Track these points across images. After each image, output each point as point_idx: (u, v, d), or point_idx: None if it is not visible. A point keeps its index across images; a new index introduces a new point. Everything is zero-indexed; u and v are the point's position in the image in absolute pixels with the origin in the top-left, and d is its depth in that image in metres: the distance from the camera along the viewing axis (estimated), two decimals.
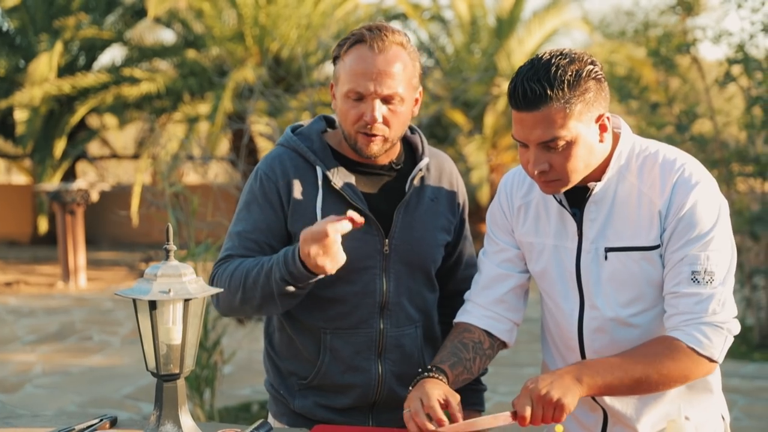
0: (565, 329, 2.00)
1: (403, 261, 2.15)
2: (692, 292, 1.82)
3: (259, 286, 2.01)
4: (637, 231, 1.89)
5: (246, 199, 2.17)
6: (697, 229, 1.83)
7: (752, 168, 7.64)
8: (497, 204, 2.11)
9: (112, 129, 14.94)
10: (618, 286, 1.91)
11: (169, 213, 5.04)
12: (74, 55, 13.96)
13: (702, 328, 1.82)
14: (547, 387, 1.76)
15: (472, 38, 12.54)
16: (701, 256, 1.83)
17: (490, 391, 6.05)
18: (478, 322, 2.07)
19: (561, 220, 1.97)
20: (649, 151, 1.92)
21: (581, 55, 1.83)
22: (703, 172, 1.89)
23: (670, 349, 1.82)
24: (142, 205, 10.98)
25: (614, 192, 1.91)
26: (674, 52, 7.81)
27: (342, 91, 2.06)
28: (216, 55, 12.40)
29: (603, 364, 1.82)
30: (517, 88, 1.80)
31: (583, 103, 1.80)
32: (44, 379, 6.66)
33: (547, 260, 2.00)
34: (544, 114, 1.79)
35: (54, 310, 9.67)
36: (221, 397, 5.55)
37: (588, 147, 1.84)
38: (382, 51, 2.03)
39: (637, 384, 1.82)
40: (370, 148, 2.07)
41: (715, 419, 2.02)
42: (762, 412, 5.65)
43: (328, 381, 2.15)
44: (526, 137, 1.83)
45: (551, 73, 1.78)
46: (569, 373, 1.80)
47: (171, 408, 1.87)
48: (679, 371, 1.82)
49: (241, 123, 7.68)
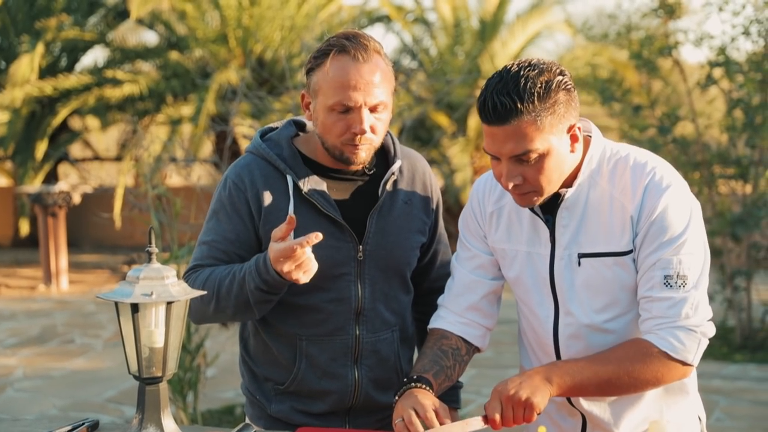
0: (541, 335, 2.00)
1: (378, 266, 2.13)
2: (665, 296, 1.82)
3: (233, 295, 1.99)
4: (609, 236, 1.88)
5: (214, 207, 2.14)
6: (668, 232, 1.83)
7: (733, 170, 7.70)
8: (469, 210, 2.10)
9: (94, 131, 14.86)
10: (592, 292, 1.91)
11: (152, 215, 5.02)
12: (56, 56, 13.87)
13: (675, 332, 1.82)
14: (515, 387, 1.77)
15: (455, 40, 12.56)
16: (673, 260, 1.82)
17: (474, 393, 6.09)
18: (453, 329, 2.07)
19: (533, 227, 1.97)
20: (620, 155, 1.92)
21: (550, 66, 1.81)
22: (674, 175, 1.89)
23: (642, 352, 1.82)
24: (125, 208, 10.92)
25: (586, 197, 1.91)
26: (656, 54, 7.85)
27: (326, 104, 2.00)
28: (199, 56, 12.37)
29: (574, 365, 1.83)
30: (486, 102, 1.78)
31: (553, 115, 1.78)
32: (25, 382, 6.61)
33: (520, 267, 1.99)
34: (514, 127, 1.77)
35: (35, 313, 9.60)
36: (204, 400, 5.52)
37: (560, 158, 1.83)
38: (366, 61, 1.99)
39: (607, 385, 1.82)
40: (358, 156, 2.05)
41: (692, 420, 2.04)
42: (743, 413, 5.68)
43: (304, 387, 2.14)
44: (498, 151, 1.82)
45: (520, 85, 1.76)
46: (539, 373, 1.81)
47: (153, 411, 1.86)
48: (651, 374, 1.82)
49: (224, 125, 7.65)
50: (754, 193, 7.63)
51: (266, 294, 1.97)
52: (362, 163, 2.08)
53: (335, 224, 2.08)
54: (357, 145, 2.02)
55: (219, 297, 2.01)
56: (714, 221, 7.54)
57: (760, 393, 6.13)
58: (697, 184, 7.79)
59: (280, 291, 1.98)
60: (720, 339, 7.54)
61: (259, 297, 1.97)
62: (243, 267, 2.00)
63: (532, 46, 13.14)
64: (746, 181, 7.69)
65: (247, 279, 1.97)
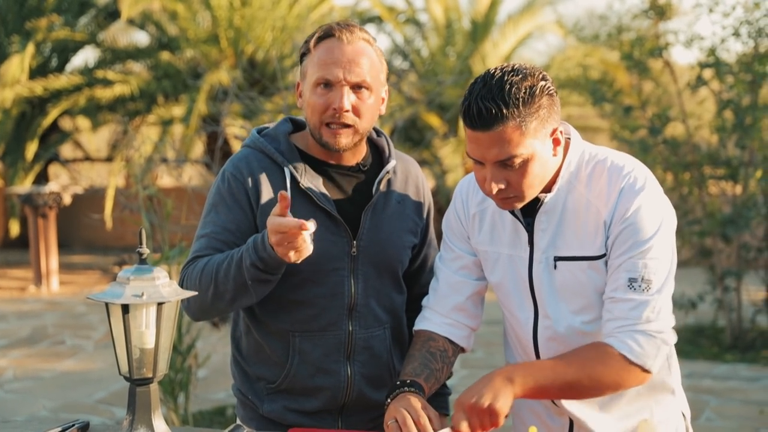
0: (522, 337, 2.01)
1: (371, 263, 2.15)
2: (627, 298, 1.82)
3: (231, 277, 1.98)
4: (583, 241, 1.89)
5: (213, 201, 2.14)
6: (638, 235, 1.83)
7: (723, 171, 7.73)
8: (453, 211, 2.11)
9: (85, 131, 14.81)
10: (569, 295, 1.92)
11: (143, 216, 5.01)
12: (46, 56, 13.82)
13: (635, 335, 1.81)
14: (475, 396, 1.77)
15: (447, 41, 12.57)
16: (639, 263, 1.82)
17: None
18: (439, 330, 2.07)
19: (515, 230, 1.98)
20: (599, 159, 1.92)
21: (533, 71, 1.81)
22: (650, 180, 1.89)
23: (602, 355, 1.81)
24: (116, 209, 10.91)
25: (564, 202, 1.91)
26: (647, 55, 7.88)
27: (310, 82, 2.06)
28: (190, 57, 12.35)
29: (536, 366, 1.83)
30: (471, 107, 1.77)
31: (537, 120, 1.79)
32: (16, 384, 6.58)
33: (502, 270, 2.00)
34: (499, 133, 1.77)
35: (26, 314, 9.57)
36: (196, 401, 5.52)
37: (543, 162, 1.84)
38: (351, 42, 2.05)
39: (569, 387, 1.82)
40: (338, 140, 2.06)
41: (677, 417, 2.05)
42: (733, 412, 5.70)
43: (297, 384, 2.14)
44: (482, 156, 1.82)
45: (505, 91, 1.76)
46: (500, 374, 1.80)
47: (144, 412, 1.86)
48: (611, 377, 1.81)
49: (215, 125, 7.64)
50: (744, 194, 7.66)
51: (262, 273, 1.96)
52: (344, 149, 2.09)
53: (330, 218, 2.10)
54: (338, 125, 2.05)
55: (217, 281, 2.01)
56: (704, 222, 7.57)
57: (750, 393, 6.16)
58: (687, 184, 7.82)
59: (276, 271, 1.97)
60: (710, 339, 7.58)
61: (255, 275, 1.96)
62: (241, 248, 2.00)
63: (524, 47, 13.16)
64: (736, 181, 7.72)
65: (244, 257, 1.96)
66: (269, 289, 2.04)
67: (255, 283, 1.98)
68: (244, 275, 1.97)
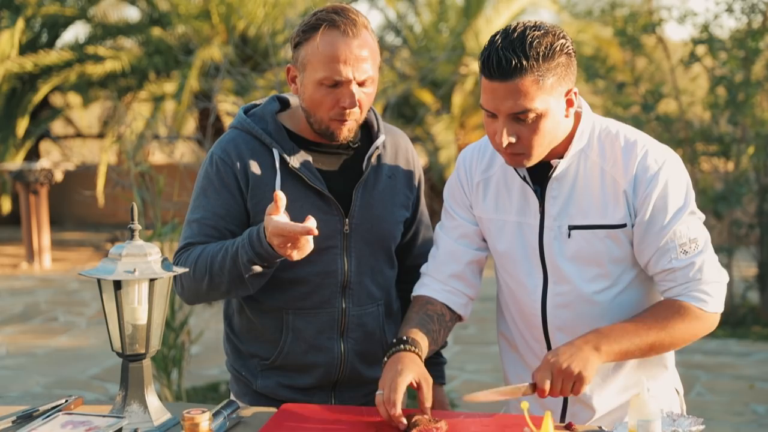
0: (528, 306, 2.01)
1: (364, 240, 2.14)
2: (686, 264, 1.88)
3: (226, 271, 1.98)
4: (602, 209, 1.90)
5: (202, 184, 2.13)
6: (672, 207, 1.88)
7: (716, 147, 7.73)
8: (456, 179, 2.11)
9: (76, 108, 14.72)
10: (582, 263, 1.93)
11: (135, 193, 4.99)
12: (36, 32, 13.70)
13: (704, 288, 1.88)
14: (567, 360, 1.79)
15: (440, 17, 12.50)
16: (683, 228, 1.88)
17: (458, 370, 6.13)
18: (438, 296, 2.08)
19: (524, 197, 1.98)
20: (610, 131, 1.94)
21: (554, 29, 1.83)
22: (667, 151, 1.92)
23: (679, 311, 1.87)
24: (108, 185, 10.87)
25: (576, 170, 1.92)
26: (640, 31, 7.86)
27: (315, 78, 2.00)
28: (182, 33, 12.25)
29: (619, 331, 1.85)
30: (491, 57, 1.78)
31: (555, 76, 1.80)
32: (9, 360, 6.59)
33: (509, 238, 2.00)
34: (517, 85, 1.78)
35: (18, 291, 9.56)
36: (189, 377, 5.54)
37: (555, 121, 1.85)
38: (356, 36, 1.99)
39: (649, 348, 1.87)
40: (343, 132, 2.06)
41: (670, 393, 2.07)
42: (724, 387, 5.75)
43: (290, 361, 2.14)
44: (497, 107, 1.82)
45: (526, 44, 1.77)
46: (587, 342, 1.83)
47: (137, 388, 1.87)
48: (690, 332, 1.89)
49: (207, 102, 7.60)
50: (736, 171, 7.67)
51: (258, 267, 1.96)
52: (345, 139, 2.08)
53: (322, 197, 2.09)
54: (345, 120, 2.03)
55: (212, 273, 2.00)
56: (696, 198, 7.58)
57: (740, 368, 6.20)
58: None
59: (273, 265, 1.98)
60: None
61: (252, 270, 1.97)
62: (235, 241, 1.99)
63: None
64: (728, 158, 7.73)
65: (240, 252, 1.96)
66: (266, 280, 2.04)
67: (251, 276, 1.98)
68: (240, 269, 1.97)
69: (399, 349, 1.91)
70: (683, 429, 1.69)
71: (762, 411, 5.23)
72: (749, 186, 7.56)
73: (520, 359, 2.11)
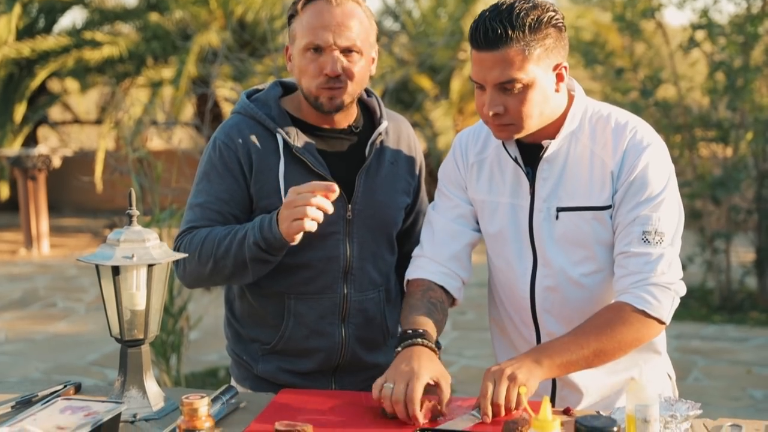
0: (517, 288, 2.01)
1: (366, 226, 2.15)
2: (642, 252, 1.85)
3: (232, 254, 1.99)
4: (589, 191, 1.91)
5: (205, 169, 2.13)
6: (648, 190, 1.86)
7: (714, 133, 7.73)
8: (451, 160, 2.11)
9: (73, 93, 14.66)
10: (569, 245, 1.93)
11: (133, 179, 4.99)
12: (33, 17, 13.64)
13: (650, 289, 1.84)
14: (512, 369, 1.76)
15: (438, 2, 12.45)
16: (652, 216, 1.85)
17: (456, 355, 6.14)
18: (435, 278, 2.06)
19: (516, 179, 1.98)
20: (601, 114, 1.95)
21: (543, 3, 1.85)
22: (654, 135, 1.92)
23: (620, 314, 1.84)
24: (106, 171, 10.85)
25: (567, 152, 1.93)
26: (639, 17, 7.83)
27: (300, 46, 2.04)
28: (179, 18, 12.20)
29: (559, 345, 1.83)
30: (479, 28, 1.83)
31: (542, 48, 1.82)
32: (8, 346, 6.60)
33: (502, 219, 2.00)
34: (503, 54, 1.80)
35: (17, 277, 9.56)
36: (188, 363, 5.55)
37: (543, 94, 1.85)
38: (340, 4, 2.02)
39: (594, 356, 1.83)
40: (333, 101, 2.05)
41: (662, 378, 2.07)
42: (721, 372, 5.77)
43: (291, 345, 2.15)
44: (484, 78, 1.84)
45: (513, 14, 1.80)
46: (528, 357, 1.80)
47: (136, 374, 1.87)
48: (632, 335, 1.84)
49: (205, 88, 7.58)
50: (734, 156, 7.67)
51: (264, 252, 1.96)
52: (337, 109, 2.08)
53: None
54: (331, 88, 2.03)
55: (217, 256, 2.01)
56: (694, 184, 7.59)
57: (737, 353, 6.22)
58: (678, 146, 7.82)
59: (278, 252, 1.98)
60: (699, 300, 7.63)
61: (256, 254, 1.97)
62: (245, 226, 2.00)
63: None
64: (727, 143, 7.73)
65: (248, 234, 1.97)
66: (267, 270, 2.04)
67: (254, 262, 1.99)
68: (244, 253, 1.97)
69: (414, 342, 1.86)
70: (680, 414, 1.69)
71: (759, 396, 5.25)
72: (748, 171, 7.56)
73: (511, 345, 2.11)
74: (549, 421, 1.42)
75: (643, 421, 1.53)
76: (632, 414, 1.54)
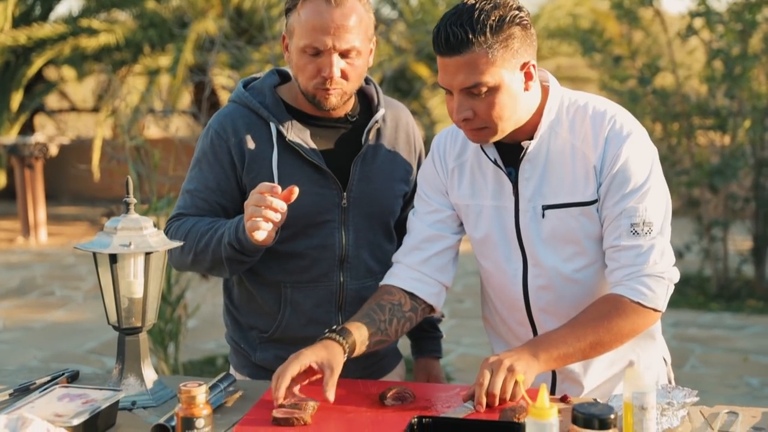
0: (509, 290, 1.99)
1: (362, 214, 2.14)
2: (632, 245, 1.83)
3: (210, 250, 2.00)
4: (573, 187, 1.88)
5: (197, 156, 2.14)
6: (632, 181, 1.84)
7: (712, 121, 7.72)
8: (430, 164, 2.07)
9: (70, 81, 14.63)
10: (558, 243, 1.91)
11: (130, 167, 4.98)
12: (30, 5, 13.60)
13: (644, 280, 1.83)
14: (511, 360, 1.75)
15: None
16: (639, 207, 1.83)
17: (454, 343, 6.15)
18: (403, 284, 2.01)
19: (497, 180, 1.96)
20: (579, 104, 1.91)
21: (506, 1, 1.81)
22: (634, 123, 1.89)
23: (616, 306, 1.83)
24: (103, 159, 10.83)
25: (547, 149, 1.90)
26: (637, 4, 7.81)
27: (298, 46, 2.01)
28: (176, 6, 12.16)
29: (554, 337, 1.82)
30: (440, 33, 1.79)
31: (506, 49, 1.78)
32: (6, 334, 6.60)
33: (487, 223, 1.98)
34: (466, 59, 1.77)
35: (14, 265, 9.56)
36: (186, 351, 5.55)
37: (512, 95, 1.82)
38: (339, 4, 1.98)
39: (590, 348, 1.82)
40: (329, 101, 2.05)
41: (658, 363, 2.07)
42: (718, 360, 5.78)
43: (289, 334, 2.15)
44: (450, 83, 1.82)
45: (474, 17, 1.76)
46: (525, 349, 1.79)
47: (133, 361, 1.87)
48: (629, 327, 1.83)
49: (202, 75, 7.57)
50: (732, 144, 7.67)
51: (238, 253, 1.97)
52: (334, 108, 2.08)
53: (319, 171, 2.09)
54: (328, 89, 2.02)
55: (197, 249, 2.03)
56: (692, 172, 7.59)
57: (734, 341, 6.24)
58: (676, 135, 7.82)
59: (252, 254, 1.99)
60: (696, 288, 7.65)
61: (231, 254, 1.98)
62: (225, 224, 2.01)
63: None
64: (725, 131, 7.72)
65: (225, 234, 1.97)
66: (244, 268, 2.06)
67: (230, 261, 2.00)
68: (221, 252, 1.99)
69: (324, 337, 1.86)
70: (677, 401, 1.70)
71: (756, 383, 5.27)
72: (745, 160, 7.56)
73: (508, 346, 2.08)
74: (546, 409, 1.42)
75: (641, 409, 1.53)
76: (629, 401, 1.54)
